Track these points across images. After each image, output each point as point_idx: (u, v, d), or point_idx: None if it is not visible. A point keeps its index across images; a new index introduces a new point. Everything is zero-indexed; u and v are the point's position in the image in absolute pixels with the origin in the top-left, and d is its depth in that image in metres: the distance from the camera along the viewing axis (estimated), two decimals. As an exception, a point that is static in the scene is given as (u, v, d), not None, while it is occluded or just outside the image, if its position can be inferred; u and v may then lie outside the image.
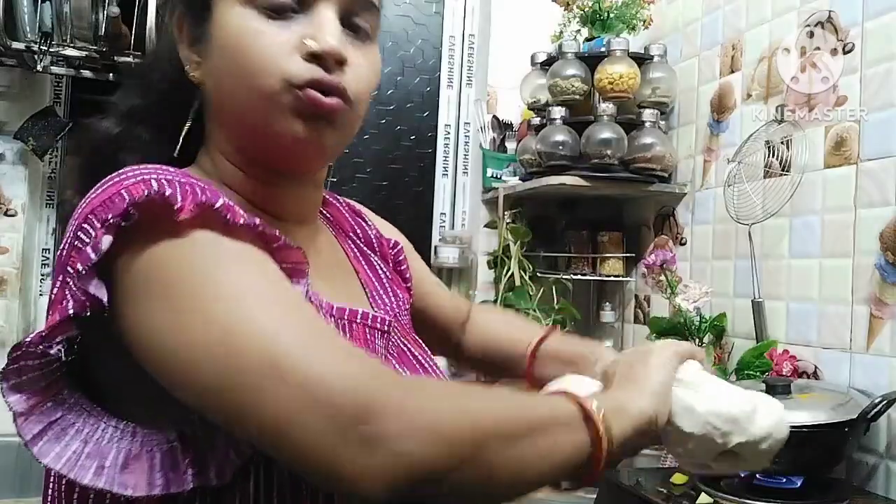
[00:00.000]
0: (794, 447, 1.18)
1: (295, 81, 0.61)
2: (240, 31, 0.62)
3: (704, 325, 1.59)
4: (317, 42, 0.62)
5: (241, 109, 0.64)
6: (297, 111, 0.62)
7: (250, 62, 0.62)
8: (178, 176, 0.56)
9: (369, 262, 0.80)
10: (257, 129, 0.64)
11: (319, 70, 0.62)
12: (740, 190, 1.58)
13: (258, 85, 0.62)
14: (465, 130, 2.33)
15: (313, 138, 0.63)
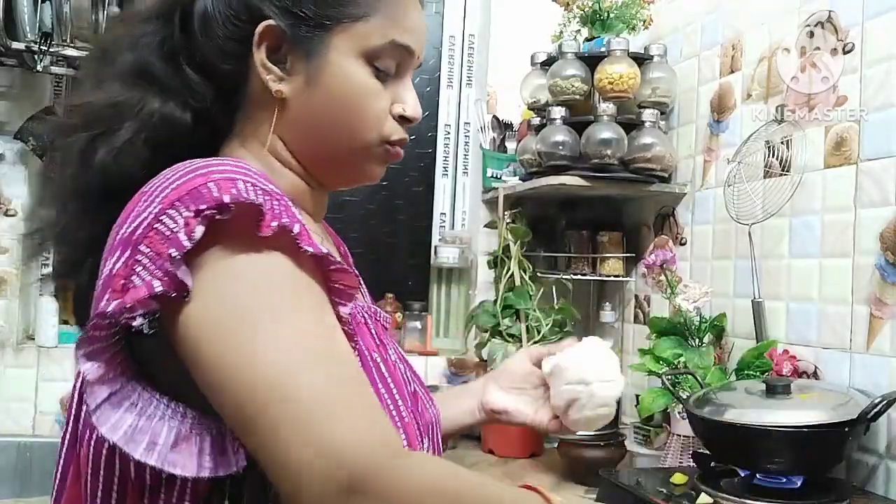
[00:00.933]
0: (794, 447, 1.19)
1: (390, 139, 0.75)
2: (356, 86, 0.72)
3: (704, 325, 1.59)
4: (410, 110, 0.76)
5: (334, 147, 0.74)
6: (383, 160, 0.77)
7: (359, 115, 0.72)
8: (260, 180, 0.61)
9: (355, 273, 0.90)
10: (343, 165, 0.76)
11: (404, 131, 0.76)
12: (740, 190, 1.58)
13: (361, 136, 0.73)
14: (465, 130, 2.33)
15: (381, 176, 0.79)
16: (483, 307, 1.95)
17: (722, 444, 1.28)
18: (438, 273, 2.27)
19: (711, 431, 1.27)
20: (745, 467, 1.25)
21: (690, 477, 1.30)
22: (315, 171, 0.76)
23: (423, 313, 2.22)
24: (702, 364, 1.52)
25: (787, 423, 1.17)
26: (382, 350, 0.72)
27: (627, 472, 1.48)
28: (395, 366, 0.73)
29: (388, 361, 0.72)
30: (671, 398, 1.48)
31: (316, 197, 0.78)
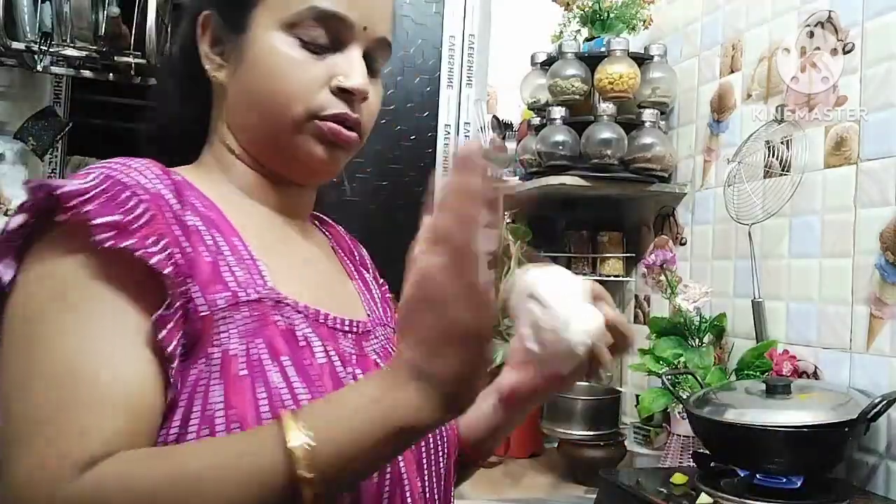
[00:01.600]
0: (794, 447, 1.19)
1: (321, 113, 0.69)
2: (278, 56, 0.68)
3: (704, 325, 1.59)
4: (349, 80, 0.69)
5: (266, 126, 0.70)
6: (318, 137, 0.70)
7: (283, 87, 0.68)
8: (130, 171, 0.61)
9: (362, 276, 0.83)
10: (279, 146, 0.70)
11: (344, 105, 0.69)
12: (740, 190, 1.58)
13: (286, 110, 0.68)
14: (465, 130, 2.33)
15: (329, 162, 0.71)
16: (483, 307, 1.95)
17: (722, 444, 1.28)
18: (438, 273, 2.26)
19: (711, 431, 1.27)
20: (745, 467, 1.25)
21: (690, 477, 1.30)
22: (263, 159, 0.72)
23: (423, 313, 2.22)
24: (702, 364, 1.52)
25: (787, 423, 1.17)
26: (306, 352, 0.62)
27: (627, 472, 1.48)
28: (328, 367, 0.63)
29: (312, 365, 0.62)
30: (671, 398, 1.48)
31: (280, 191, 0.74)
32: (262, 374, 0.59)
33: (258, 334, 0.60)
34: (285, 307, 0.64)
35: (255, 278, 0.64)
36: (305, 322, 0.65)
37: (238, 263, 0.64)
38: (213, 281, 0.61)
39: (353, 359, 0.68)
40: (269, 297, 0.63)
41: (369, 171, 2.31)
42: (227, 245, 0.64)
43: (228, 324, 0.60)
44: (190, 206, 0.64)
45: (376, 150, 2.31)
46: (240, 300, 0.61)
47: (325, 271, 0.77)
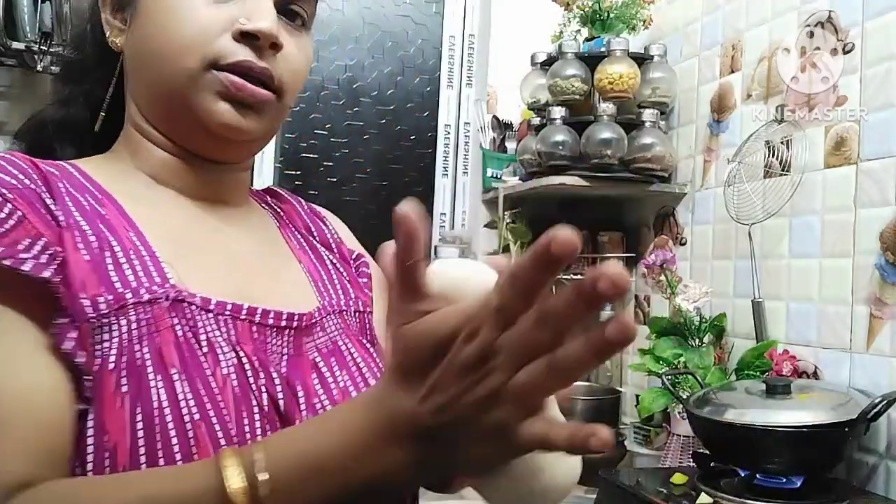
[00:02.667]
0: (794, 447, 1.19)
1: (220, 62, 0.59)
2: (171, 4, 0.60)
3: (704, 325, 1.59)
4: (252, 23, 0.59)
5: (161, 85, 0.61)
6: (219, 93, 0.60)
7: (176, 36, 0.59)
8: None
9: (319, 257, 0.74)
10: (177, 108, 0.61)
11: (249, 52, 0.60)
12: (740, 190, 1.58)
13: (180, 61, 0.59)
14: (465, 130, 2.33)
15: (236, 122, 0.60)
16: (483, 307, 1.95)
17: (722, 444, 1.28)
18: (438, 273, 2.26)
19: (711, 431, 1.27)
20: (745, 467, 1.25)
21: (690, 477, 1.30)
22: (166, 129, 0.63)
23: (423, 313, 2.22)
24: (702, 364, 1.52)
25: (787, 423, 1.17)
26: (208, 360, 0.54)
27: (627, 472, 1.48)
28: (232, 379, 0.54)
29: (215, 375, 0.54)
30: (671, 398, 1.48)
31: (197, 173, 0.65)
32: (142, 390, 0.50)
33: (145, 342, 0.52)
34: (188, 307, 0.55)
35: (151, 276, 0.55)
36: (214, 323, 0.56)
37: (130, 261, 0.55)
38: (92, 283, 0.52)
39: (282, 361, 0.59)
40: (165, 296, 0.54)
41: (369, 171, 2.32)
42: (118, 241, 0.56)
43: (111, 331, 0.51)
44: (66, 201, 0.56)
45: (376, 150, 2.32)
46: (126, 302, 0.52)
47: (259, 259, 0.67)
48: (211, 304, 0.56)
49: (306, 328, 0.62)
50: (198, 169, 0.65)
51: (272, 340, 0.59)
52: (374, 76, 2.30)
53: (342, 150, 2.29)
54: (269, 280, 0.65)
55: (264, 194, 0.77)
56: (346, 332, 0.66)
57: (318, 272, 0.71)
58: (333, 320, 0.66)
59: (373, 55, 2.30)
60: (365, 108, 2.30)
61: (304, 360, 0.60)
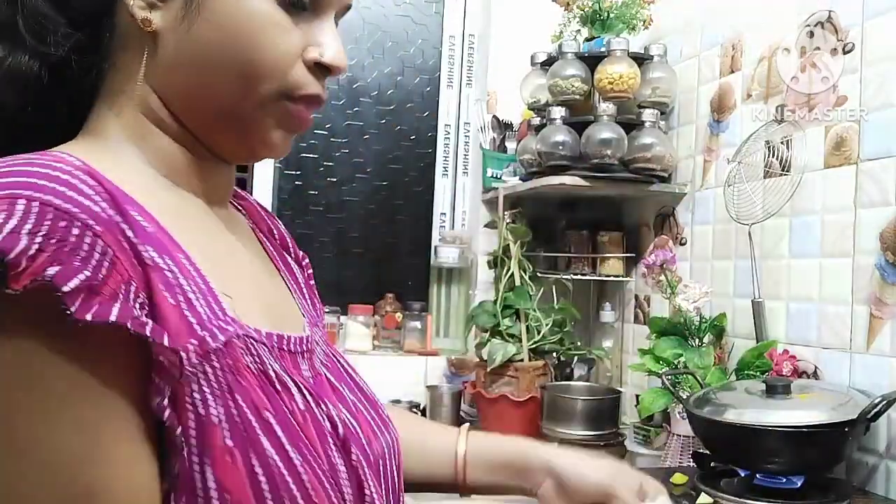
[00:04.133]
0: (794, 447, 1.19)
1: (294, 93, 0.56)
2: (253, 12, 0.53)
3: (704, 325, 1.59)
4: (329, 55, 0.56)
5: (224, 97, 0.55)
6: (282, 123, 0.57)
7: (256, 54, 0.54)
8: (64, 188, 0.44)
9: (286, 264, 0.71)
10: (231, 122, 0.56)
11: (319, 86, 0.57)
12: (740, 190, 1.58)
13: (257, 86, 0.54)
14: (465, 130, 2.33)
15: (281, 148, 0.59)
16: (483, 307, 1.95)
17: (722, 444, 1.28)
18: (438, 273, 2.27)
19: (711, 431, 1.27)
20: (745, 467, 1.25)
21: (690, 477, 1.30)
22: (200, 133, 0.57)
23: (423, 313, 2.22)
24: (702, 364, 1.52)
25: (787, 423, 1.17)
26: (284, 398, 0.51)
27: (627, 472, 1.48)
28: (308, 413, 0.53)
29: (295, 413, 0.51)
30: (671, 398, 1.48)
31: (206, 171, 0.59)
32: (252, 441, 0.47)
33: (235, 389, 0.48)
34: (251, 342, 0.51)
35: (215, 311, 0.50)
36: (270, 355, 0.53)
37: (196, 294, 0.49)
38: (182, 330, 0.47)
39: (317, 386, 0.58)
40: (235, 334, 0.50)
41: (369, 171, 2.32)
42: (180, 271, 0.49)
43: (200, 381, 0.47)
44: (143, 228, 0.48)
45: (376, 150, 2.32)
46: (210, 348, 0.48)
47: (258, 271, 0.64)
48: (262, 335, 0.53)
49: (312, 346, 0.61)
50: (209, 167, 0.60)
51: (301, 365, 0.58)
52: (374, 76, 2.30)
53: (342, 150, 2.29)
54: (271, 295, 0.63)
55: None
56: (328, 343, 0.68)
57: (294, 283, 0.70)
58: (318, 333, 0.66)
59: (373, 55, 2.31)
60: (365, 108, 2.30)
61: (321, 378, 0.60)
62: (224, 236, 0.60)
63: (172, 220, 0.52)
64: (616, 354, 2.05)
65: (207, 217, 0.59)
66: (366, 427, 0.60)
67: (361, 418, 0.60)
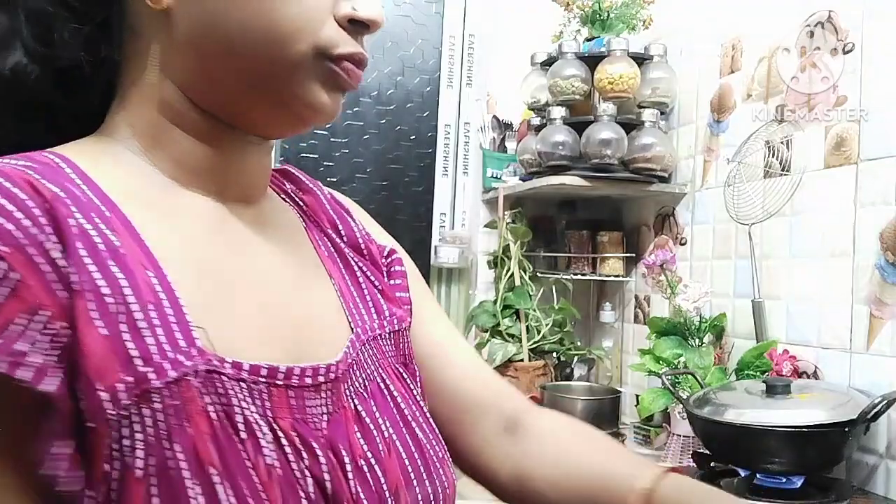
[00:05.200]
0: (794, 447, 1.19)
1: (330, 52, 0.51)
2: None
3: (704, 325, 1.60)
4: (364, 9, 0.52)
5: (253, 69, 0.51)
6: (325, 82, 0.52)
7: (280, 16, 0.49)
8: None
9: (349, 266, 0.62)
10: (266, 93, 0.52)
11: (356, 44, 0.53)
12: (740, 190, 1.58)
13: (286, 48, 0.50)
14: (465, 130, 2.33)
15: (332, 109, 0.54)
16: (483, 307, 1.95)
17: (722, 444, 1.28)
18: (438, 273, 2.27)
19: (711, 431, 1.27)
20: (745, 467, 1.25)
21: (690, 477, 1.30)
22: (233, 113, 0.53)
23: (423, 313, 2.22)
24: (702, 364, 1.52)
25: (787, 423, 1.17)
26: (247, 449, 0.43)
27: (627, 472, 1.48)
28: (279, 469, 0.44)
29: (258, 468, 0.43)
30: (671, 398, 1.48)
31: (231, 166, 0.54)
32: (179, 501, 0.40)
33: (175, 437, 0.41)
34: (219, 378, 0.44)
35: (176, 341, 0.43)
36: (248, 396, 0.45)
37: (150, 322, 0.43)
38: (110, 367, 0.40)
39: (322, 422, 0.49)
40: (194, 370, 0.43)
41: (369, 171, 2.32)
42: (135, 293, 0.43)
43: (132, 425, 0.40)
44: (77, 246, 0.42)
45: (376, 150, 2.32)
46: (150, 386, 0.41)
47: (289, 280, 0.56)
48: (243, 370, 0.45)
49: (344, 373, 0.52)
50: (240, 160, 0.55)
51: (311, 400, 0.49)
52: (374, 76, 2.30)
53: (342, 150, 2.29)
54: (301, 308, 0.55)
55: (282, 179, 0.65)
56: (381, 364, 0.57)
57: (349, 289, 0.60)
58: (368, 351, 0.57)
59: (373, 55, 2.30)
60: (365, 108, 2.30)
61: (346, 414, 0.51)
62: (241, 238, 0.54)
63: (154, 227, 0.48)
64: (616, 354, 2.05)
65: (211, 216, 0.53)
66: (394, 474, 0.51)
67: (391, 464, 0.52)
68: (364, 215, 0.70)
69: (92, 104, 0.54)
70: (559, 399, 1.72)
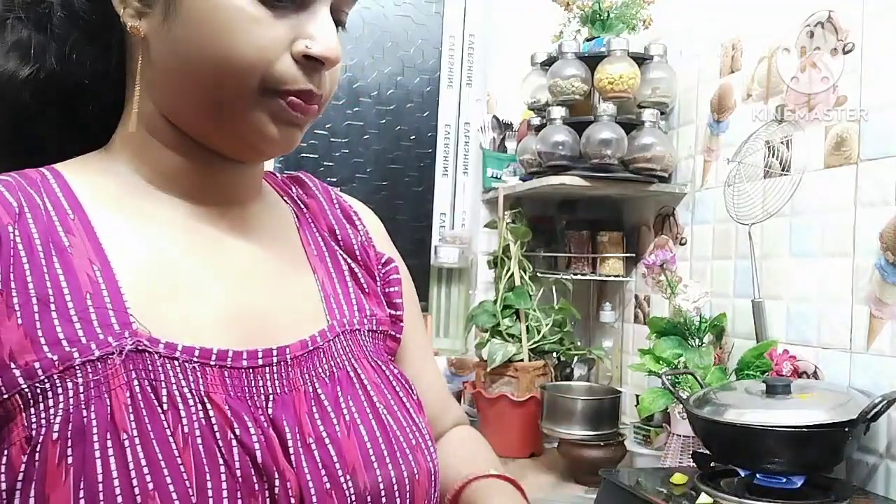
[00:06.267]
0: (794, 447, 1.19)
1: (277, 87, 0.55)
2: (227, 9, 0.53)
3: (704, 325, 1.59)
4: (317, 45, 0.55)
5: (206, 98, 0.55)
6: (274, 116, 0.56)
7: (234, 54, 0.53)
8: None
9: (337, 265, 0.68)
10: (221, 124, 0.56)
11: (307, 80, 0.56)
12: (740, 190, 1.58)
13: (237, 81, 0.54)
14: (465, 130, 2.33)
15: (283, 142, 0.58)
16: (483, 307, 1.95)
17: (722, 444, 1.28)
18: (438, 273, 2.27)
19: (711, 431, 1.27)
20: (745, 467, 1.25)
21: (690, 477, 1.30)
22: (198, 134, 0.58)
23: (423, 313, 2.22)
24: (702, 364, 1.52)
25: (787, 423, 1.17)
26: (168, 419, 0.49)
27: (627, 472, 1.48)
28: (197, 437, 0.49)
29: (176, 435, 0.48)
30: (671, 398, 1.48)
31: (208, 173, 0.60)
32: (86, 460, 0.45)
33: (92, 405, 0.47)
34: (149, 357, 0.50)
35: (109, 325, 0.50)
36: (181, 373, 0.50)
37: (83, 310, 0.50)
38: (25, 349, 0.47)
39: (268, 403, 0.53)
40: (120, 349, 0.49)
41: (369, 171, 2.32)
42: (71, 285, 0.50)
43: (56, 396, 0.47)
44: (10, 248, 0.50)
45: (376, 150, 2.32)
46: (73, 363, 0.48)
47: (263, 274, 0.61)
48: (177, 350, 0.51)
49: (303, 357, 0.57)
50: (216, 171, 0.60)
51: (254, 382, 0.53)
52: (374, 76, 2.30)
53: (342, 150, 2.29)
54: (270, 300, 0.59)
55: (291, 184, 0.71)
56: (356, 355, 0.61)
57: (334, 284, 0.65)
58: (342, 342, 0.61)
59: (373, 55, 2.30)
60: (365, 108, 2.30)
61: (299, 395, 0.55)
62: (202, 234, 0.59)
63: (127, 228, 0.55)
64: (616, 354, 2.05)
65: (185, 217, 0.59)
66: (351, 455, 0.54)
67: (349, 445, 0.55)
68: (372, 222, 0.75)
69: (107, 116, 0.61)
70: (559, 399, 1.72)
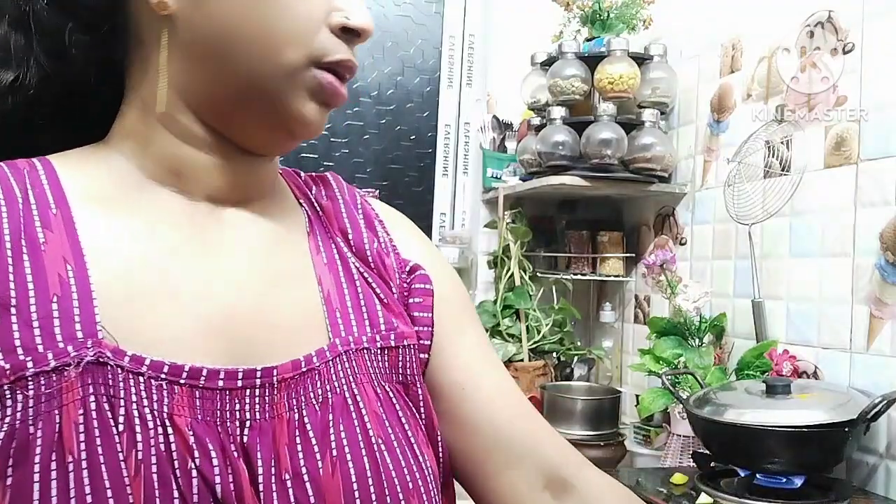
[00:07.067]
0: (794, 447, 1.19)
1: (322, 60, 0.53)
2: None
3: (704, 325, 1.59)
4: (354, 18, 0.53)
5: (246, 78, 0.52)
6: (313, 92, 0.53)
7: (279, 26, 0.51)
8: None
9: (348, 273, 0.59)
10: (258, 103, 0.53)
11: (347, 50, 0.54)
12: (740, 190, 1.58)
13: (282, 56, 0.51)
14: (465, 130, 2.33)
15: (319, 121, 0.55)
16: (483, 307, 1.95)
17: (722, 444, 1.28)
18: (438, 273, 2.27)
19: (711, 431, 1.27)
20: (745, 467, 1.25)
21: (690, 477, 1.30)
22: (228, 123, 0.53)
23: (423, 313, 2.22)
24: (702, 364, 1.52)
25: (787, 423, 1.17)
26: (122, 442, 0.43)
27: (627, 471, 1.48)
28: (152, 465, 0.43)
29: (128, 461, 0.43)
30: (671, 398, 1.48)
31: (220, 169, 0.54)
32: (24, 484, 0.41)
33: (40, 421, 0.42)
34: (111, 371, 0.44)
35: (72, 333, 0.44)
36: (145, 391, 0.45)
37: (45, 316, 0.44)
38: None
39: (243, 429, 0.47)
40: (78, 360, 0.43)
41: (369, 171, 2.32)
42: (37, 289, 0.45)
43: (5, 409, 0.41)
44: None
45: (376, 150, 2.32)
46: (25, 373, 0.42)
47: (262, 278, 0.54)
48: (143, 365, 0.45)
49: (293, 379, 0.50)
50: (232, 166, 0.55)
51: (228, 405, 0.47)
52: (374, 76, 2.30)
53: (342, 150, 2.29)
54: (264, 312, 0.53)
55: (312, 184, 0.65)
56: (359, 378, 0.53)
57: (343, 297, 0.57)
58: (342, 363, 0.53)
59: (373, 55, 2.30)
60: (365, 108, 2.30)
61: (281, 423, 0.48)
62: (208, 239, 0.54)
63: (112, 227, 0.50)
64: (616, 354, 2.05)
65: (182, 216, 0.53)
66: (333, 496, 0.47)
67: (331, 484, 0.48)
68: (398, 225, 0.68)
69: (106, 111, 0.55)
70: (559, 399, 1.72)
